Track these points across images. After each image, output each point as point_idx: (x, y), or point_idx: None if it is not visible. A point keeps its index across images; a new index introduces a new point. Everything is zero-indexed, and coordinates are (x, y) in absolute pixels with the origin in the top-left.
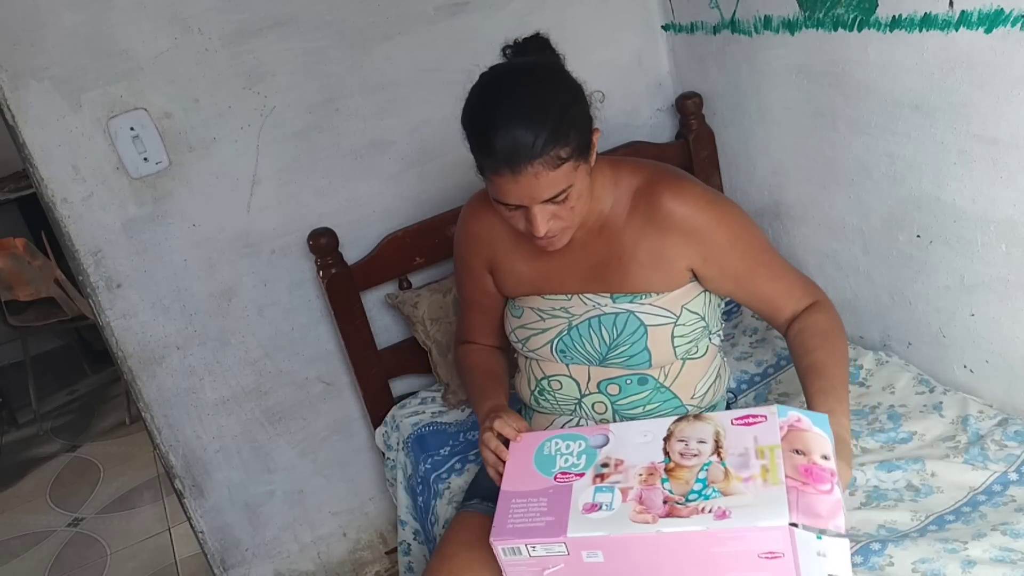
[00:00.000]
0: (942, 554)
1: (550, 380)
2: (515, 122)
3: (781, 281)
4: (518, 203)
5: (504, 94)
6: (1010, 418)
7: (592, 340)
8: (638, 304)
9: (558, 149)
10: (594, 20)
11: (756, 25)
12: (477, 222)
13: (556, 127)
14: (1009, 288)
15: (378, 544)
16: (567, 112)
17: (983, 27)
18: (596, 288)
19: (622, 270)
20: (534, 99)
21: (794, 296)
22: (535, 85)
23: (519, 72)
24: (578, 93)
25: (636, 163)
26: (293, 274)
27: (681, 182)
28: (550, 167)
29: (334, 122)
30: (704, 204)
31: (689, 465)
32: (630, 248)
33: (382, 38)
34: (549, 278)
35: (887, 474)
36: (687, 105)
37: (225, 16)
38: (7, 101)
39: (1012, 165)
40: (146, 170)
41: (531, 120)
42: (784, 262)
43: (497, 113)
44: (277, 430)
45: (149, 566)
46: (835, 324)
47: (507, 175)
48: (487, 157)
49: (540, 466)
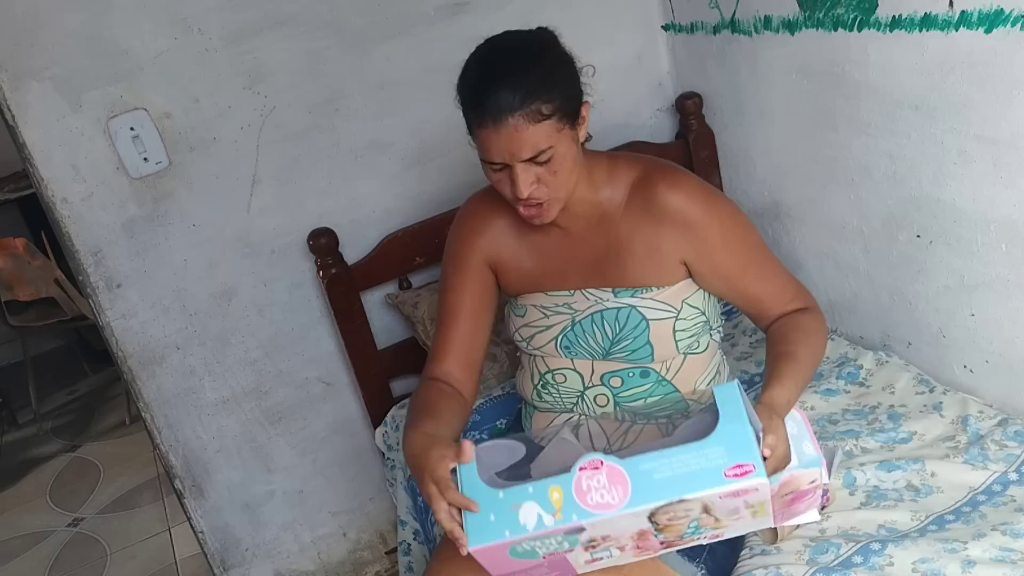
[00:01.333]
0: (942, 554)
1: (554, 374)
2: (499, 76)
3: (771, 283)
4: (501, 160)
5: (492, 52)
6: (1010, 418)
7: (595, 335)
8: (639, 299)
9: (539, 104)
10: (594, 20)
11: (756, 25)
12: (478, 219)
13: (539, 83)
14: (1009, 288)
15: (378, 544)
16: (552, 72)
17: (983, 27)
18: (598, 283)
19: (620, 264)
20: (518, 56)
21: (783, 299)
22: (524, 47)
23: (510, 36)
24: (566, 59)
25: (633, 157)
26: (293, 274)
27: (677, 174)
28: (531, 121)
29: (334, 122)
30: (698, 197)
31: (678, 523)
32: (626, 240)
33: (382, 38)
34: (552, 274)
35: (887, 474)
36: (687, 105)
37: (225, 16)
38: (7, 101)
39: (1012, 165)
40: (146, 170)
41: (514, 74)
42: (777, 264)
43: (483, 68)
44: (277, 430)
45: (149, 566)
46: (820, 328)
47: (489, 127)
48: (472, 111)
49: (523, 556)
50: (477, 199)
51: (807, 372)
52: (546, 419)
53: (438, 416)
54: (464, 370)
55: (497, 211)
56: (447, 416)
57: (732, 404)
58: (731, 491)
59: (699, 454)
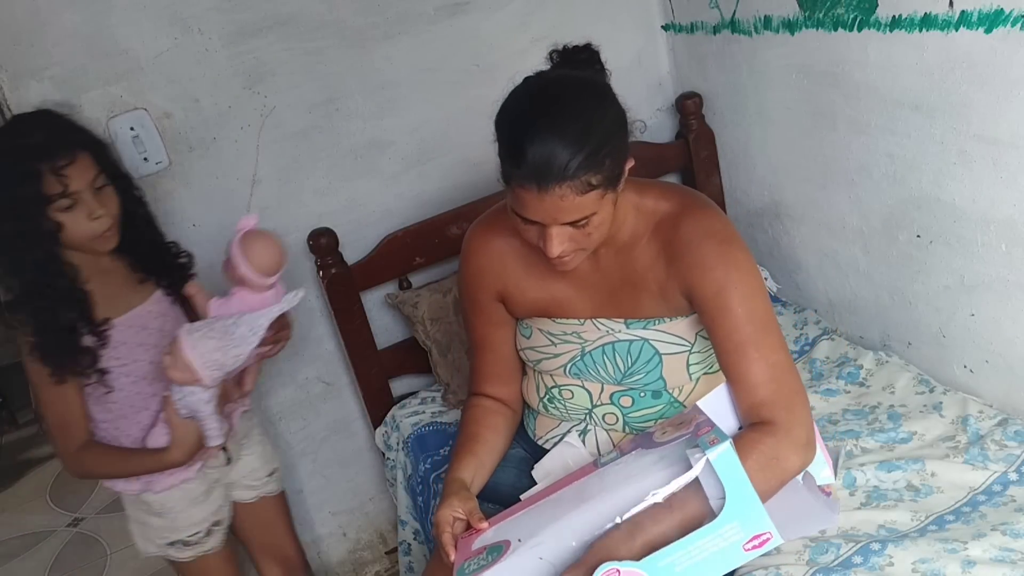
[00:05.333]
0: (942, 554)
1: (561, 389)
2: (554, 137)
3: (754, 365)
4: (537, 220)
5: (548, 104)
6: (1010, 418)
7: (606, 366)
8: (652, 330)
9: (590, 175)
10: (594, 20)
11: (756, 25)
12: (482, 254)
13: (595, 152)
14: (1009, 288)
15: (378, 544)
16: (609, 139)
17: (983, 27)
18: (609, 313)
19: (635, 295)
20: (579, 118)
21: (754, 394)
22: (583, 102)
23: (569, 84)
24: (623, 121)
25: (666, 189)
26: (293, 274)
27: (706, 212)
28: (578, 191)
29: (334, 122)
30: (713, 239)
31: None
32: (642, 273)
33: (382, 38)
34: (560, 302)
35: (887, 474)
36: (687, 105)
37: (225, 16)
38: (7, 101)
39: (1012, 165)
40: (146, 170)
41: (572, 139)
42: (775, 350)
43: (537, 123)
44: (277, 430)
45: (149, 566)
46: (770, 465)
47: (532, 190)
48: (516, 167)
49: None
50: (480, 231)
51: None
52: (551, 423)
53: (480, 441)
54: (504, 383)
55: (500, 242)
56: (488, 437)
57: (733, 472)
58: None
59: (715, 535)
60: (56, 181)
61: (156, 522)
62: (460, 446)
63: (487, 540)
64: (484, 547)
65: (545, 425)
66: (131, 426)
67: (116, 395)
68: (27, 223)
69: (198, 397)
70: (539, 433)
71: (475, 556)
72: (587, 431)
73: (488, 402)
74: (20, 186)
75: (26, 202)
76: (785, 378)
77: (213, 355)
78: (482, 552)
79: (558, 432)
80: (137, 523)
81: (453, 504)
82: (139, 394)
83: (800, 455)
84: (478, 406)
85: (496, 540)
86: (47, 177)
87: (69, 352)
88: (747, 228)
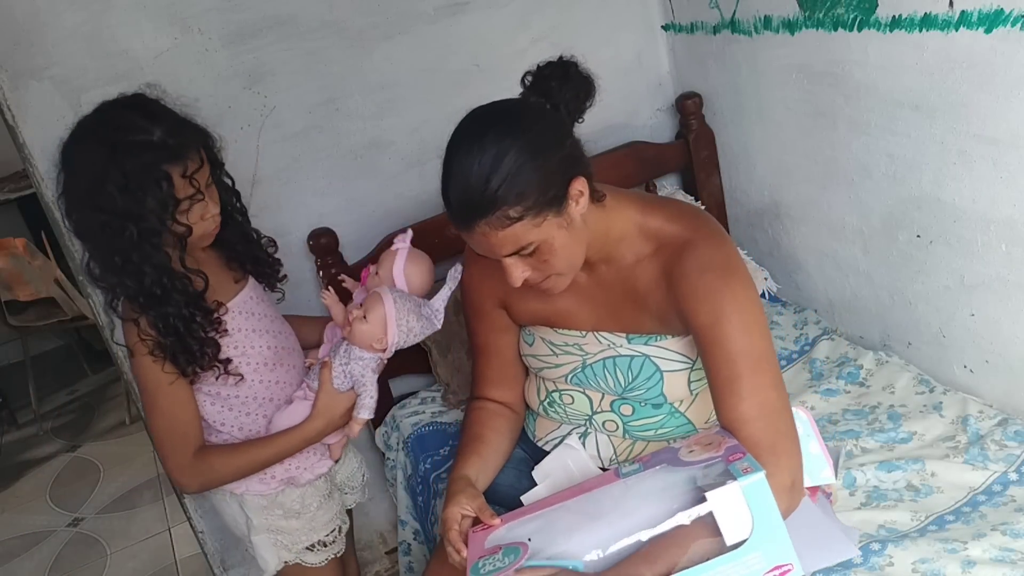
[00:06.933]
0: (942, 554)
1: (562, 394)
2: (461, 178)
3: (742, 403)
4: (483, 255)
5: (459, 143)
6: (1010, 418)
7: (607, 379)
8: (653, 347)
9: (506, 209)
10: (594, 20)
11: (756, 25)
12: (484, 262)
13: (505, 187)
14: (1009, 288)
15: (378, 544)
16: (523, 168)
17: (983, 27)
18: (611, 327)
19: (636, 313)
20: (487, 153)
21: (740, 433)
22: (489, 137)
23: (487, 119)
24: (552, 142)
25: (673, 212)
26: (293, 274)
27: (711, 242)
28: (498, 227)
29: (334, 122)
30: (714, 271)
31: None
32: (643, 294)
33: (382, 38)
34: (562, 313)
35: (887, 474)
36: (687, 105)
37: (225, 16)
38: (7, 101)
39: (1012, 165)
40: None
41: (476, 178)
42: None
43: (453, 163)
44: None
45: (149, 566)
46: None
47: (460, 228)
48: (447, 207)
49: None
50: None
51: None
52: (551, 425)
53: (484, 442)
54: (507, 387)
55: None
56: (492, 438)
57: (763, 502)
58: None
59: (738, 563)
60: (187, 184)
61: (294, 525)
62: (464, 447)
63: (501, 539)
64: (499, 546)
65: (545, 427)
66: (255, 422)
67: (241, 388)
68: (155, 228)
69: (366, 363)
70: (539, 434)
71: (490, 554)
72: (587, 434)
73: (491, 405)
74: (150, 192)
75: (155, 208)
76: (772, 418)
77: (409, 318)
78: (497, 551)
79: (558, 434)
80: (269, 533)
81: (461, 502)
82: (262, 382)
83: (782, 499)
84: (482, 409)
85: (512, 540)
86: (177, 180)
87: (198, 345)
88: (747, 228)
